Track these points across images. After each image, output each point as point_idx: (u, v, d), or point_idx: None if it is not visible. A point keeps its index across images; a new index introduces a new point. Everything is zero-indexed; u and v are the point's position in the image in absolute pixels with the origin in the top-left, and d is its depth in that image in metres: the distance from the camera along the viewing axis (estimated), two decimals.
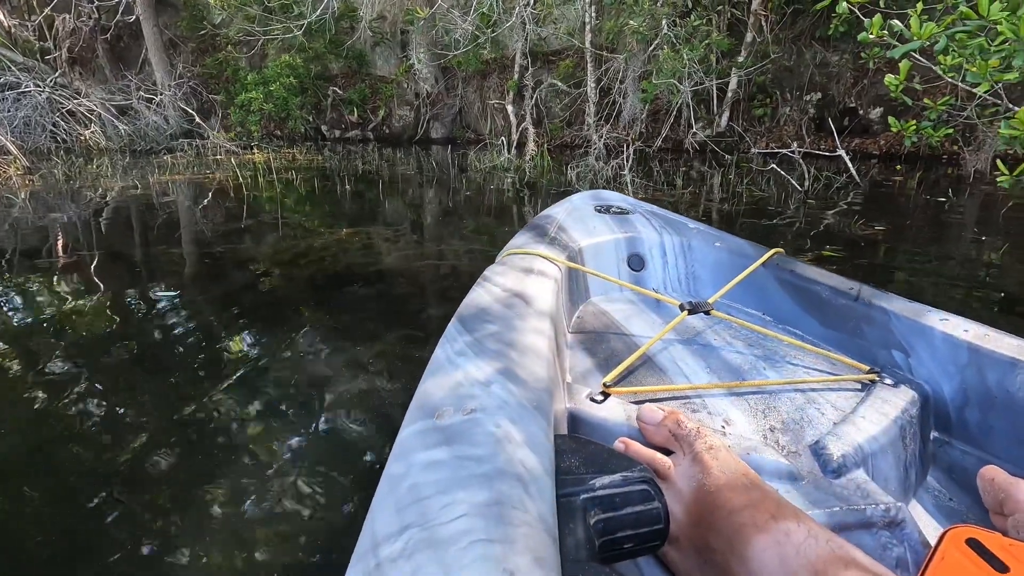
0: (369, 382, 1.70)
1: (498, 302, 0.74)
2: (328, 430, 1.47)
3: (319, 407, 1.58)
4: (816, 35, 6.99)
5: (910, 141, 2.47)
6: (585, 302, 1.08)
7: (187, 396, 1.63)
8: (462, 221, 3.83)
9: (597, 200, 1.37)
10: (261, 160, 7.42)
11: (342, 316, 2.22)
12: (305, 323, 2.14)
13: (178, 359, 1.87)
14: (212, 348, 1.95)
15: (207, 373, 1.77)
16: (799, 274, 1.01)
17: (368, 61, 10.45)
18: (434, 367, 0.56)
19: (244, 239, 3.40)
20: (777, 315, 1.04)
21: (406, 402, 0.52)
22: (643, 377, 0.78)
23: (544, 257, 0.97)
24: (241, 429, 1.48)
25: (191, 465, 1.34)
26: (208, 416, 1.53)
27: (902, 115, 6.11)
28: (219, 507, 1.20)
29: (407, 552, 0.32)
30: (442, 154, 8.21)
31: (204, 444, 1.42)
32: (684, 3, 6.38)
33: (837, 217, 3.68)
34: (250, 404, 1.59)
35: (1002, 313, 2.13)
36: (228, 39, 9.74)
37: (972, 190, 4.66)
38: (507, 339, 0.62)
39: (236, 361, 1.86)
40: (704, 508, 0.48)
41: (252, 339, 2.03)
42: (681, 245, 1.20)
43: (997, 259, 2.76)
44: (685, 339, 0.91)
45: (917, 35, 2.10)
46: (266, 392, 1.66)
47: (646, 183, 5.20)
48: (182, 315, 2.24)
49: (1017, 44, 1.87)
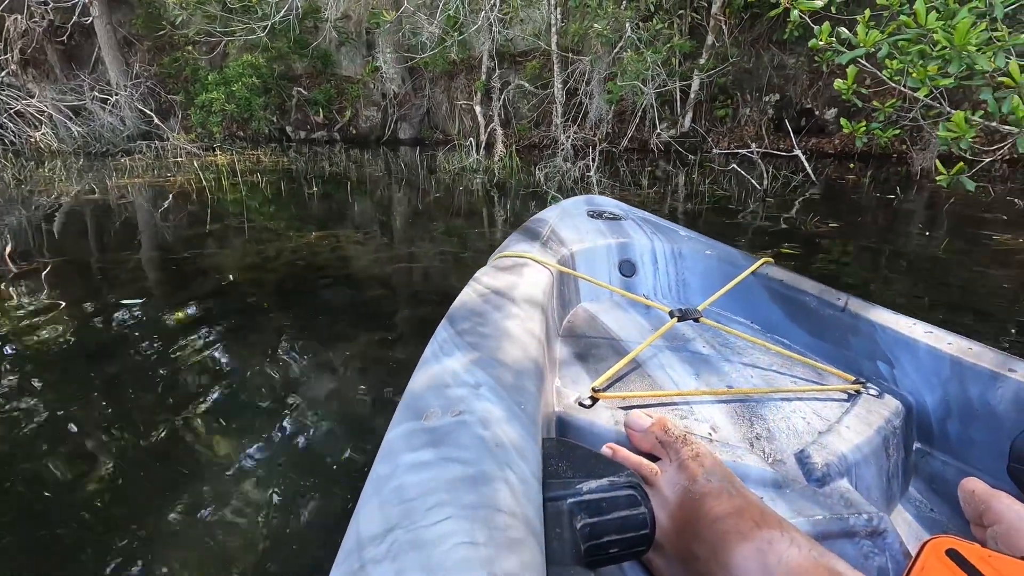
0: (341, 385, 1.71)
1: (488, 304, 0.73)
2: (300, 435, 1.47)
3: (289, 413, 1.57)
4: (773, 38, 7.23)
5: (861, 141, 2.60)
6: (575, 306, 1.08)
7: (150, 408, 1.60)
8: (432, 223, 3.84)
9: (590, 205, 1.37)
10: (224, 162, 7.25)
11: (312, 321, 2.21)
12: (275, 329, 2.12)
13: (141, 371, 1.83)
14: (177, 358, 1.91)
15: (171, 384, 1.74)
16: (788, 284, 1.02)
17: (333, 61, 10.32)
18: (422, 368, 0.56)
19: (209, 244, 3.33)
20: (765, 324, 1.05)
21: (378, 404, 0.54)
22: (632, 382, 0.78)
23: (535, 260, 0.96)
24: (209, 439, 1.46)
25: (158, 479, 1.32)
26: (174, 428, 1.50)
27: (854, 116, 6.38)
28: (191, 516, 1.19)
29: (392, 554, 0.32)
30: (410, 155, 8.17)
31: (171, 458, 1.39)
32: (646, 7, 6.51)
33: (794, 215, 3.83)
34: (218, 413, 1.57)
35: (946, 305, 2.26)
36: (187, 38, 9.47)
37: (919, 187, 4.90)
38: (496, 342, 0.61)
39: (202, 370, 1.83)
40: (689, 515, 0.48)
41: (219, 347, 2.00)
42: (672, 252, 1.20)
43: (941, 253, 2.92)
44: (674, 346, 0.91)
45: (863, 42, 2.22)
46: (235, 400, 1.64)
47: (613, 183, 5.29)
48: (145, 325, 2.19)
49: (952, 51, 2.00)
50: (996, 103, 1.88)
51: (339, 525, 1.14)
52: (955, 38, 1.96)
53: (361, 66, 10.16)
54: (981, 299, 2.30)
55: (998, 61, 1.91)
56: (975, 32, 1.93)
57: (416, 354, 0.61)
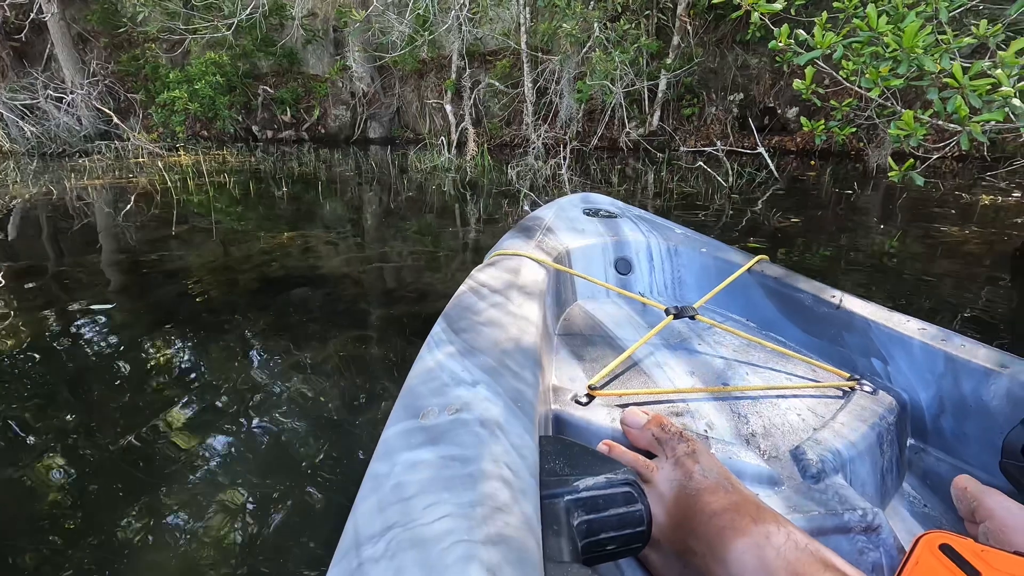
0: (313, 387, 1.71)
1: (484, 302, 0.73)
2: (272, 439, 1.47)
3: (260, 417, 1.56)
4: (737, 39, 7.41)
5: (820, 139, 2.71)
6: (572, 304, 1.07)
7: (114, 416, 1.56)
8: (405, 222, 3.84)
9: (586, 203, 1.37)
10: (189, 162, 7.07)
11: (284, 322, 2.20)
12: (245, 332, 2.10)
13: (103, 378, 1.79)
14: (142, 364, 1.88)
15: (136, 390, 1.71)
16: (783, 281, 1.02)
17: (300, 59, 10.15)
18: (419, 367, 0.56)
19: (176, 246, 3.26)
20: (761, 321, 1.05)
21: (353, 404, 0.55)
22: (628, 380, 0.78)
23: (531, 258, 0.96)
24: (176, 446, 1.44)
25: (123, 487, 1.30)
26: (140, 436, 1.47)
27: (815, 115, 6.60)
28: (158, 525, 1.17)
29: (390, 552, 0.32)
30: (381, 154, 8.10)
31: (136, 466, 1.37)
32: (614, 7, 6.61)
33: (759, 210, 3.96)
34: (186, 419, 1.55)
35: (900, 293, 2.38)
36: (147, 35, 9.19)
37: (875, 183, 5.11)
38: (493, 340, 0.61)
39: (169, 376, 1.80)
40: (685, 511, 0.48)
41: (187, 352, 1.97)
42: (668, 250, 1.20)
43: (894, 244, 3.07)
44: (670, 343, 0.91)
45: (820, 44, 2.31)
46: (203, 406, 1.62)
47: (584, 181, 5.36)
48: (107, 330, 2.14)
49: (901, 53, 2.10)
50: (941, 103, 1.99)
51: (313, 528, 1.15)
52: (904, 41, 2.06)
53: (329, 64, 10.02)
54: (931, 287, 2.42)
55: (943, 63, 2.02)
56: (922, 35, 2.04)
57: (391, 353, 0.61)
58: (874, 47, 2.26)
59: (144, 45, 9.74)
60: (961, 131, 1.90)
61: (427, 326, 2.18)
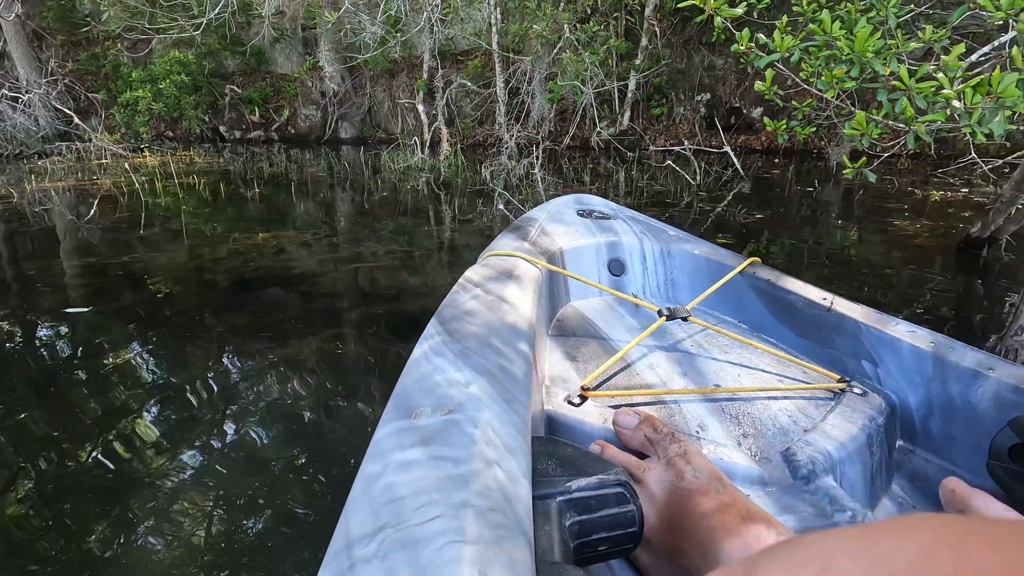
0: (285, 390, 1.71)
1: (477, 303, 0.73)
2: (244, 443, 1.46)
3: (231, 421, 1.55)
4: (703, 41, 7.60)
5: (783, 138, 2.83)
6: (565, 305, 1.08)
7: (78, 425, 1.52)
8: (379, 222, 3.85)
9: (580, 204, 1.36)
10: (154, 164, 6.91)
11: (258, 325, 2.20)
12: (217, 336, 2.10)
13: (66, 386, 1.73)
14: (109, 373, 1.84)
15: (101, 398, 1.67)
16: (774, 283, 1.02)
17: (268, 58, 10.00)
18: (411, 367, 0.56)
19: (144, 249, 3.22)
20: (753, 323, 1.06)
21: (326, 406, 0.56)
22: (620, 381, 0.79)
23: (525, 259, 0.96)
24: (144, 453, 1.41)
25: (88, 497, 1.26)
26: (107, 444, 1.44)
27: (778, 115, 6.81)
28: (128, 535, 1.16)
29: (381, 553, 0.32)
30: (353, 155, 8.05)
31: (102, 475, 1.34)
32: (583, 9, 6.71)
33: (726, 207, 4.09)
34: (154, 426, 1.52)
35: (857, 283, 2.51)
36: (108, 33, 8.93)
37: (835, 180, 5.32)
38: (486, 340, 0.61)
39: (136, 383, 1.77)
40: (676, 512, 0.48)
41: (157, 358, 1.94)
42: (661, 251, 1.20)
43: (853, 238, 3.22)
44: (663, 344, 0.92)
45: (779, 47, 2.43)
46: (172, 412, 1.59)
47: (557, 180, 5.44)
48: (73, 339, 2.09)
49: (854, 57, 2.22)
50: (890, 104, 2.12)
51: (289, 531, 1.15)
52: (856, 45, 2.18)
53: (298, 64, 9.89)
54: (884, 276, 2.56)
55: (892, 66, 2.15)
56: (872, 40, 2.16)
57: (367, 353, 0.63)
58: (829, 51, 2.38)
59: (104, 43, 9.45)
60: (907, 131, 2.02)
61: (403, 326, 2.24)
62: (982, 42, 2.81)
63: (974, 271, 2.69)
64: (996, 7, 2.07)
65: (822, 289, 0.96)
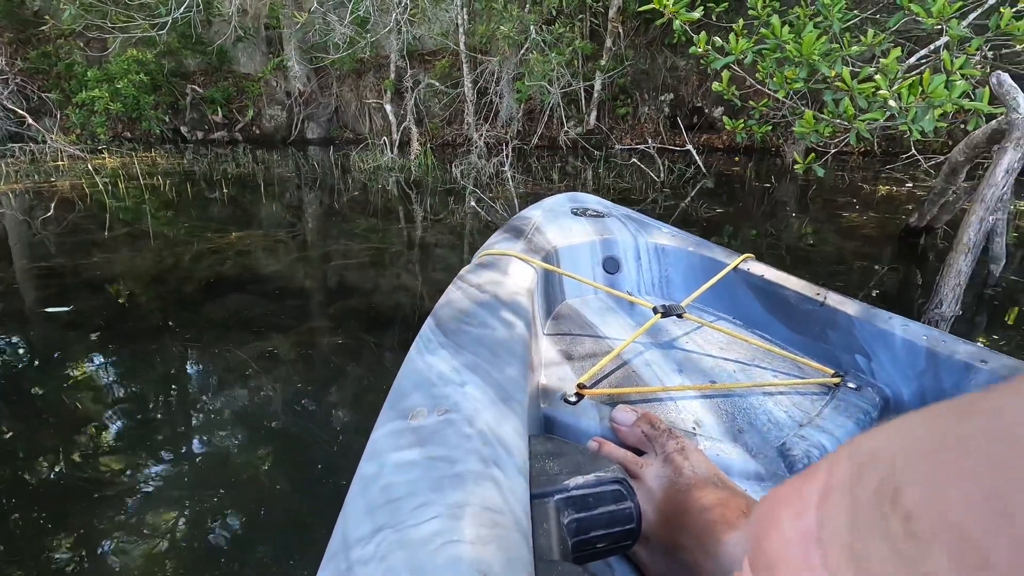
0: (257, 395, 1.70)
1: (473, 302, 0.73)
2: (209, 451, 1.45)
3: (201, 428, 1.54)
4: (665, 42, 7.81)
5: (741, 137, 2.99)
6: (560, 303, 1.08)
7: (35, 439, 1.46)
8: (350, 223, 3.87)
9: (574, 202, 1.37)
10: (113, 165, 6.73)
11: (229, 327, 2.21)
12: (182, 339, 2.09)
13: (21, 399, 1.66)
14: (71, 382, 1.79)
15: (59, 410, 1.61)
16: (768, 279, 1.03)
17: (230, 58, 9.81)
18: (408, 367, 0.56)
19: (108, 253, 3.17)
20: (747, 319, 1.06)
21: (296, 410, 0.57)
22: (616, 379, 0.79)
23: (520, 258, 0.96)
24: (106, 466, 1.37)
25: (47, 513, 1.23)
26: (66, 458, 1.39)
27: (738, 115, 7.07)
28: (91, 551, 1.12)
29: (380, 554, 0.32)
30: (321, 155, 7.99)
31: (62, 490, 1.29)
32: (548, 11, 6.83)
33: (689, 203, 4.25)
34: (116, 437, 1.49)
35: (809, 273, 2.68)
36: (61, 31, 8.63)
37: (791, 177, 5.56)
38: (482, 340, 0.62)
39: (97, 393, 1.72)
40: (675, 507, 0.49)
41: (122, 366, 1.89)
42: (655, 249, 1.20)
43: (807, 231, 3.41)
44: (658, 342, 0.92)
45: (734, 49, 2.57)
46: (135, 422, 1.56)
47: (526, 178, 5.54)
48: (28, 347, 2.03)
49: (802, 60, 2.38)
50: (834, 104, 2.28)
51: (255, 540, 1.16)
52: (803, 48, 2.34)
53: (261, 63, 9.74)
54: (836, 264, 2.74)
55: (837, 68, 2.31)
56: (819, 43, 2.32)
57: (339, 355, 0.65)
58: (780, 54, 2.54)
59: (57, 41, 9.13)
60: (851, 129, 2.18)
61: (376, 325, 2.29)
62: (924, 45, 3.02)
63: (913, 258, 2.91)
64: (928, 14, 2.25)
65: (814, 284, 0.98)
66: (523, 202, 4.31)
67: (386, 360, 1.88)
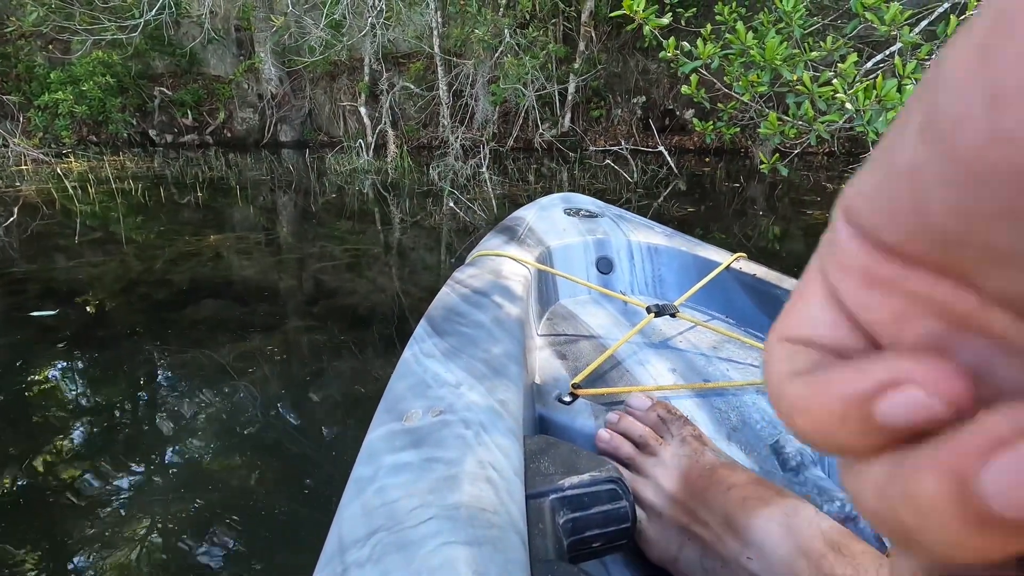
0: (233, 402, 1.68)
1: (467, 303, 0.74)
2: (183, 463, 1.42)
3: (175, 435, 1.51)
4: (637, 46, 7.97)
5: (710, 138, 3.10)
6: (554, 304, 1.08)
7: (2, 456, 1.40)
8: (328, 225, 3.87)
9: (567, 203, 1.36)
10: (80, 169, 6.57)
11: (203, 330, 2.21)
12: (156, 345, 2.08)
13: None
14: (31, 392, 1.74)
15: (21, 425, 1.56)
16: (761, 278, 1.04)
17: (200, 60, 9.65)
18: (402, 369, 0.56)
19: (78, 258, 3.12)
20: (740, 317, 1.06)
21: (270, 416, 0.57)
22: (611, 378, 0.80)
23: (513, 259, 0.96)
24: (74, 483, 1.33)
25: (10, 534, 1.18)
26: (31, 475, 1.35)
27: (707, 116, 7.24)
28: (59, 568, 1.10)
29: (375, 556, 0.32)
30: (295, 158, 7.92)
31: (26, 508, 1.25)
32: (522, 15, 6.91)
33: (661, 203, 4.37)
34: (85, 452, 1.43)
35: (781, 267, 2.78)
36: (21, 32, 8.38)
37: (760, 177, 5.74)
38: (476, 341, 0.62)
39: (65, 405, 1.68)
40: (697, 483, 0.49)
41: (86, 375, 1.86)
42: (648, 248, 1.21)
43: (775, 227, 3.54)
44: (652, 341, 0.93)
45: (702, 54, 2.67)
46: (104, 435, 1.52)
47: (503, 180, 5.60)
48: None
49: (765, 64, 2.49)
50: (795, 106, 2.39)
51: (241, 550, 1.15)
52: (767, 53, 2.45)
53: (232, 65, 9.61)
54: (802, 260, 2.85)
55: (798, 72, 2.42)
56: (782, 49, 2.43)
57: (316, 360, 0.65)
58: (745, 57, 2.65)
59: (17, 43, 8.86)
60: (811, 130, 2.30)
61: (356, 328, 2.32)
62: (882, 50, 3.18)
63: None
64: (881, 21, 2.38)
65: None
66: (500, 203, 4.36)
67: (368, 362, 1.90)
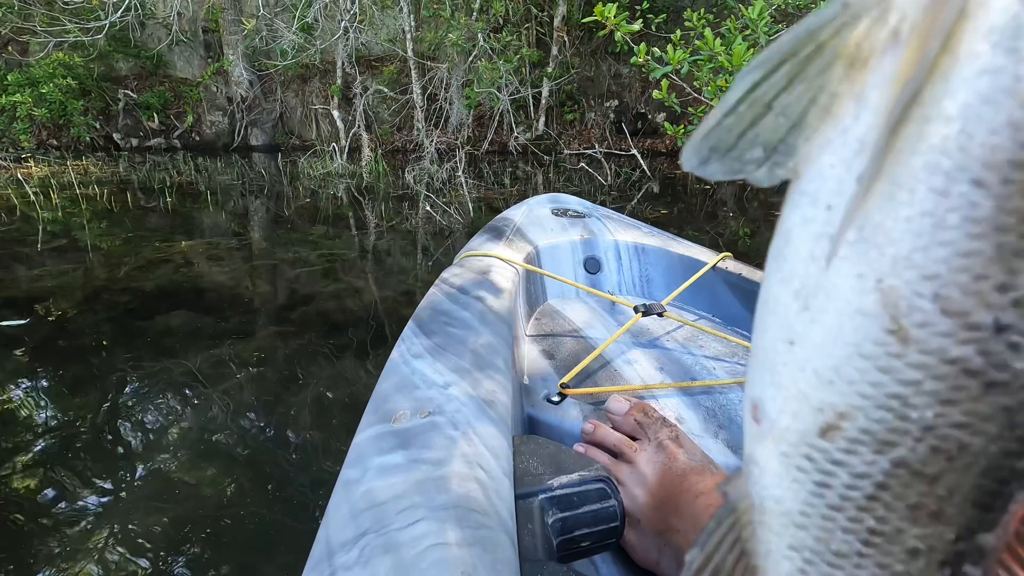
0: (204, 413, 1.66)
1: (455, 304, 0.73)
2: (152, 475, 1.41)
3: (143, 450, 1.49)
4: (609, 50, 8.07)
5: (681, 141, 3.17)
6: (542, 304, 1.08)
7: None
8: (301, 230, 3.83)
9: (554, 203, 1.37)
10: (42, 174, 6.36)
11: (175, 337, 2.18)
12: (126, 355, 2.06)
13: None
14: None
15: None
16: (746, 278, 1.05)
17: (166, 62, 9.43)
18: (390, 370, 0.56)
19: (39, 267, 3.03)
20: (726, 316, 1.07)
21: (241, 426, 0.56)
22: (599, 378, 0.80)
23: (501, 259, 0.96)
24: (35, 502, 1.31)
25: None
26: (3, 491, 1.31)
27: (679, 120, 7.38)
28: None
29: (363, 559, 0.32)
30: (267, 162, 7.79)
31: None
32: (496, 20, 6.95)
33: (634, 205, 4.44)
34: (48, 469, 1.40)
35: None
36: None
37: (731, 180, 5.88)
38: (464, 341, 0.62)
39: (24, 422, 1.63)
40: (669, 491, 0.49)
41: (55, 387, 1.81)
42: (635, 248, 1.21)
43: (745, 228, 3.63)
44: (639, 340, 0.93)
45: (672, 60, 2.73)
46: (69, 451, 1.48)
47: (478, 183, 5.61)
48: None
49: (733, 69, 2.56)
50: None
51: (221, 561, 1.15)
52: (734, 59, 2.52)
53: (200, 67, 9.41)
54: None
55: None
56: (748, 55, 2.50)
57: (295, 364, 0.64)
58: (713, 64, 2.72)
59: None
60: None
61: (332, 333, 2.32)
62: None
63: None
64: None
65: None
66: (476, 206, 4.37)
67: (344, 368, 1.89)
